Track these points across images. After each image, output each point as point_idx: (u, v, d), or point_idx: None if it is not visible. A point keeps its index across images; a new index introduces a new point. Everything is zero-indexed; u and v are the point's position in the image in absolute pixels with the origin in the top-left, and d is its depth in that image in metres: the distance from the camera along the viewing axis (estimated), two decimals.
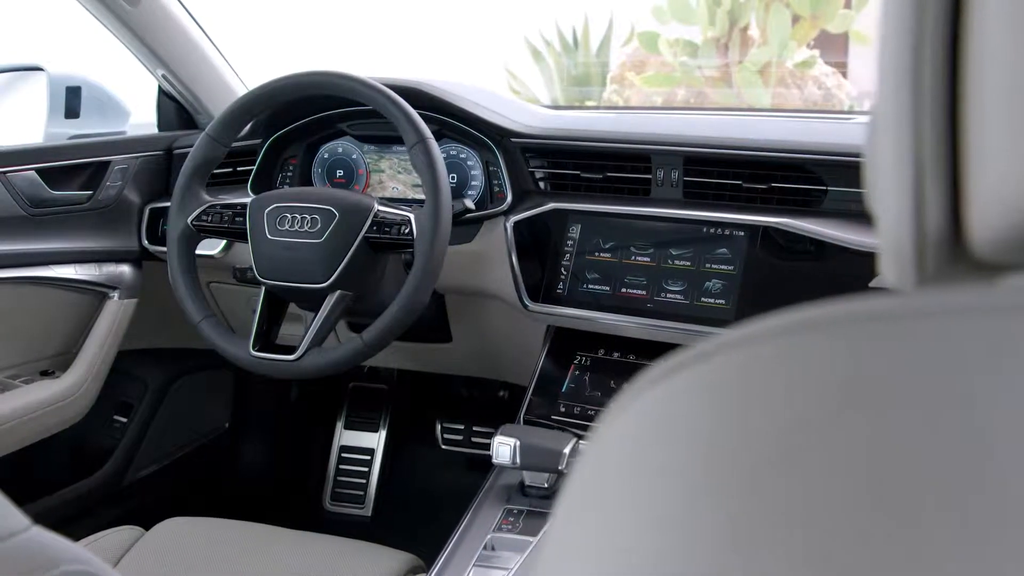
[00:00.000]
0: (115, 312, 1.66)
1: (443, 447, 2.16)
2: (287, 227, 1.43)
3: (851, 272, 1.31)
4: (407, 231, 1.39)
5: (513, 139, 1.56)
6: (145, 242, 1.77)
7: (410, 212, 1.40)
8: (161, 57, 1.66)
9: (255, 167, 1.70)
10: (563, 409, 1.50)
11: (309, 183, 1.74)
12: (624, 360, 1.51)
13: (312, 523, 2.11)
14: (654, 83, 7.45)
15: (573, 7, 8.58)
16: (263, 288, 1.47)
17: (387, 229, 1.41)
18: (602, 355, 1.53)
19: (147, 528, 1.37)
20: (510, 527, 1.25)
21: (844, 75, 8.11)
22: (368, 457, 2.20)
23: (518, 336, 1.66)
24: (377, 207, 1.42)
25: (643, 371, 0.33)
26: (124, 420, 1.86)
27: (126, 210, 1.73)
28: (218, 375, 2.04)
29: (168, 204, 1.76)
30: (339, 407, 2.24)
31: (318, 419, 2.25)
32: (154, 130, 1.88)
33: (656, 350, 1.49)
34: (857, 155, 1.38)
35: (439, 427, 2.17)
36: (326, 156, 1.74)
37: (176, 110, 1.81)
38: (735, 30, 7.42)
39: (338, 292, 1.42)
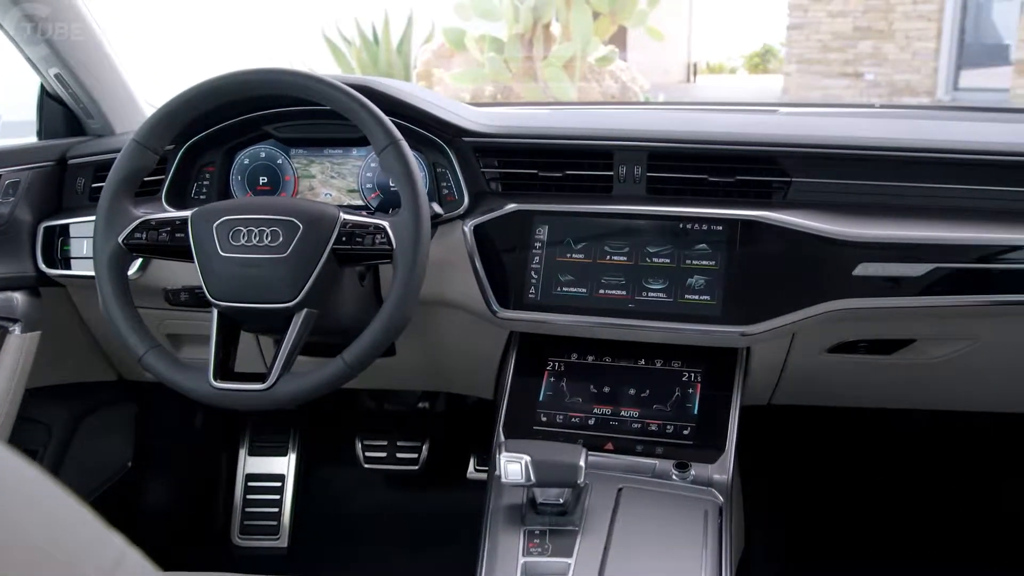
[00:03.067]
0: (18, 348, 1.44)
1: (365, 465, 2.03)
2: (243, 242, 1.29)
3: (833, 261, 1.34)
4: (382, 240, 1.28)
5: (465, 138, 1.48)
6: (42, 266, 1.55)
7: (383, 220, 1.30)
8: (61, 54, 1.45)
9: (169, 177, 1.52)
10: (544, 419, 1.44)
11: (227, 192, 1.59)
12: (600, 363, 1.47)
13: (220, 561, 1.94)
14: (463, 79, 7.46)
15: (371, 3, 8.44)
16: (215, 311, 1.32)
17: (358, 240, 1.29)
18: (576, 359, 1.48)
19: None
20: (539, 550, 1.18)
21: None
22: (278, 484, 2.04)
23: (474, 345, 1.58)
24: (343, 216, 1.31)
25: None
26: None
27: (18, 230, 1.51)
28: (119, 409, 1.83)
29: (65, 221, 1.58)
30: (242, 432, 2.07)
31: (223, 447, 2.07)
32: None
33: (632, 351, 1.47)
34: (823, 146, 1.40)
35: (359, 444, 2.04)
36: (246, 162, 1.59)
37: (63, 115, 1.60)
38: (539, 26, 7.54)
39: (305, 311, 1.29)
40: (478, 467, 2.02)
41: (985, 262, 1.32)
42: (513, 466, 1.20)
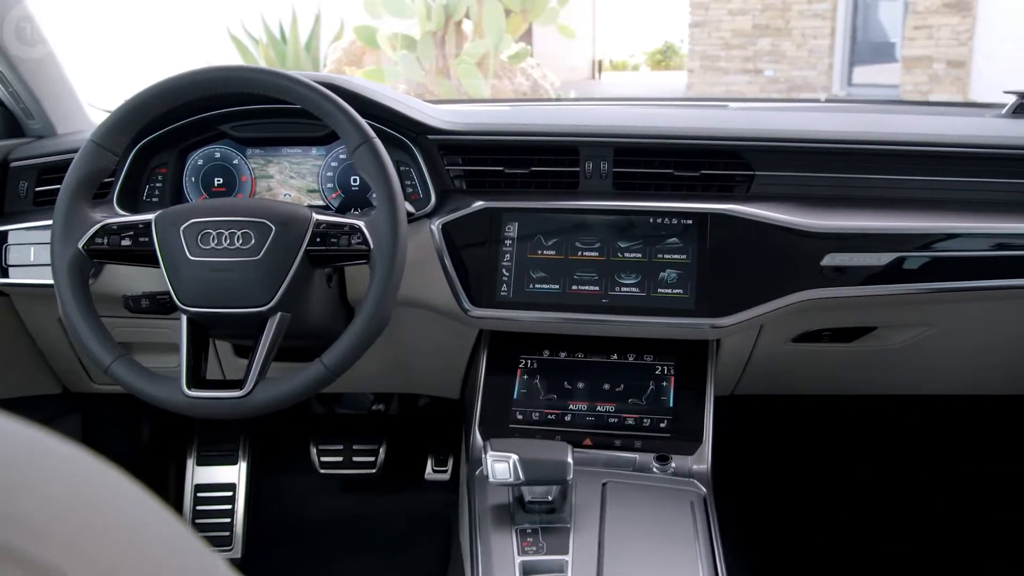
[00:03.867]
0: None
1: (321, 471, 1.99)
2: (213, 245, 1.25)
3: (801, 252, 1.37)
4: (358, 241, 1.26)
5: (431, 136, 1.46)
6: None
7: (358, 219, 1.27)
8: (5, 49, 1.37)
9: (120, 179, 1.46)
10: (520, 417, 1.43)
11: (180, 194, 1.53)
12: (573, 359, 1.47)
13: None
14: (376, 78, 7.36)
15: (278, 1, 8.27)
16: (184, 318, 1.27)
17: (332, 240, 1.27)
18: (548, 356, 1.48)
19: None
20: (534, 548, 1.17)
21: None
22: (229, 493, 1.98)
23: (442, 345, 1.57)
24: (315, 216, 1.28)
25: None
26: None
27: None
28: (65, 423, 1.75)
29: (7, 227, 1.50)
30: (189, 442, 2.00)
31: (171, 458, 1.99)
32: None
33: (604, 345, 1.47)
34: (787, 139, 1.43)
35: (314, 449, 2.00)
36: (200, 163, 1.54)
37: (1, 115, 1.51)
38: (451, 24, 7.51)
39: (279, 315, 1.26)
40: (436, 468, 2.01)
41: (944, 251, 1.37)
42: (501, 465, 1.19)
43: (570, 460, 1.19)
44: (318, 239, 1.26)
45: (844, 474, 2.03)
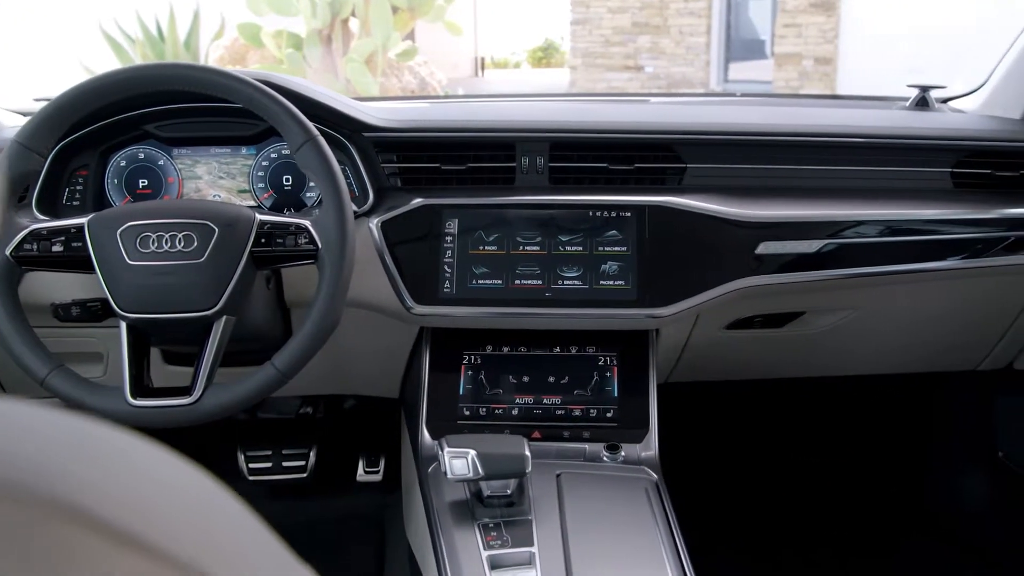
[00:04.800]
0: None
1: (250, 477, 1.94)
2: (153, 248, 1.21)
3: (737, 242, 1.42)
4: (305, 240, 1.24)
5: (366, 133, 1.45)
6: None
7: (304, 219, 1.25)
8: None
9: (39, 182, 1.40)
10: (467, 413, 1.44)
11: (103, 197, 1.48)
12: (516, 353, 1.48)
13: None
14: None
15: None
16: (123, 325, 1.23)
17: (278, 241, 1.24)
18: (491, 351, 1.48)
19: None
20: (499, 542, 1.17)
21: None
22: None
23: (382, 344, 1.55)
24: (259, 216, 1.25)
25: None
26: None
27: None
28: None
29: None
30: None
31: None
32: None
33: (546, 339, 1.48)
34: (715, 133, 1.48)
35: (242, 456, 1.94)
36: (123, 164, 1.48)
37: None
38: (337, 21, 7.41)
39: (224, 318, 1.23)
40: (367, 469, 1.99)
41: (868, 236, 1.44)
42: (459, 461, 1.19)
43: (527, 453, 1.20)
44: (263, 240, 1.24)
45: (775, 452, 2.10)
